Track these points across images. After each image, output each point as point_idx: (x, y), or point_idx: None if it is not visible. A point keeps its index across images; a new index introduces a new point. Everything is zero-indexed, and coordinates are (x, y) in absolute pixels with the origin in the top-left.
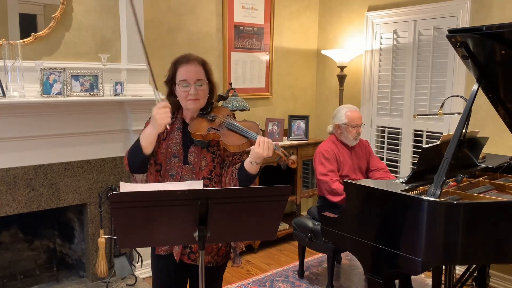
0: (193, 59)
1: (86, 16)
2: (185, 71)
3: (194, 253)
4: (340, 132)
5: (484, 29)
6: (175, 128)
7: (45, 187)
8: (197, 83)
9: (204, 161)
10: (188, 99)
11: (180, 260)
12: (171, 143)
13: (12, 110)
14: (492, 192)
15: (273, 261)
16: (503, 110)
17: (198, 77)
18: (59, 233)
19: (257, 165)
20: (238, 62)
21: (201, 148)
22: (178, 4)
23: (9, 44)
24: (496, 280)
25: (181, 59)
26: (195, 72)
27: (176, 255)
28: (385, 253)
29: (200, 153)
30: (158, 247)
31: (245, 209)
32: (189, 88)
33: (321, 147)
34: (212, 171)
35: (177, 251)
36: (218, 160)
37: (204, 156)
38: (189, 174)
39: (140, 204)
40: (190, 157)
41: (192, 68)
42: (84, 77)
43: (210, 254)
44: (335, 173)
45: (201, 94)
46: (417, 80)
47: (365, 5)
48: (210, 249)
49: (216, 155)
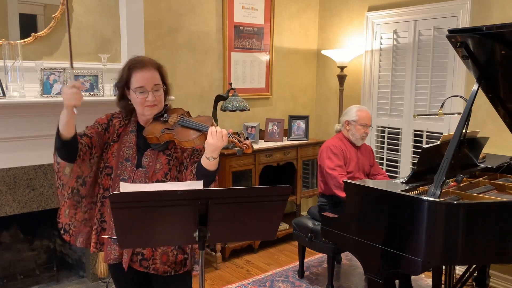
0: (148, 64)
1: (86, 16)
2: (142, 77)
3: (146, 260)
4: (348, 129)
5: (484, 29)
6: (128, 131)
7: (45, 187)
8: (154, 89)
9: (159, 164)
10: (146, 105)
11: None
12: (124, 147)
13: (12, 110)
14: (492, 192)
15: (273, 261)
16: (503, 110)
17: (155, 82)
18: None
19: (214, 160)
20: (238, 62)
21: (157, 152)
22: (178, 4)
23: (9, 44)
24: (496, 280)
25: (136, 64)
26: (152, 78)
27: (125, 263)
28: (385, 253)
29: (156, 156)
30: (106, 256)
31: (245, 209)
32: (146, 95)
33: (329, 143)
34: (167, 173)
35: (125, 259)
36: (174, 163)
37: (160, 159)
38: (141, 178)
39: (140, 204)
40: (145, 160)
41: (148, 75)
42: (84, 77)
43: (166, 263)
44: (342, 169)
45: (158, 100)
46: (417, 80)
47: (365, 5)
48: (165, 258)
49: (172, 157)
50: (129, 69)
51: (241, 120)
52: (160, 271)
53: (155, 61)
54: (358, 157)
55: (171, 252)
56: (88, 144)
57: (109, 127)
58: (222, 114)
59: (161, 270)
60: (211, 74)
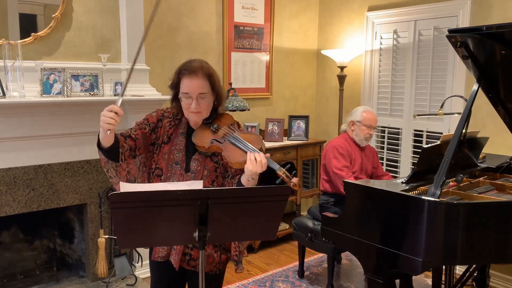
0: (198, 71)
1: (86, 16)
2: (188, 84)
3: (194, 260)
4: (353, 129)
5: (484, 29)
6: (178, 133)
7: (45, 187)
8: (199, 97)
9: (207, 170)
10: (190, 111)
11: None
12: (174, 149)
13: (12, 110)
14: (492, 192)
15: (273, 261)
16: (503, 110)
17: (200, 91)
18: (59, 233)
19: (253, 180)
20: (238, 62)
21: (204, 157)
22: (178, 4)
23: (9, 44)
24: (496, 280)
25: (185, 69)
26: (198, 86)
27: (175, 263)
28: (385, 253)
29: (203, 161)
30: (155, 254)
31: (245, 209)
32: (190, 101)
33: (335, 142)
34: (214, 181)
35: (176, 259)
36: (221, 170)
37: (207, 165)
38: None
39: (140, 204)
40: (193, 165)
41: (195, 82)
42: (84, 77)
43: (212, 264)
44: (349, 169)
45: (203, 107)
46: (417, 80)
47: (365, 5)
48: (211, 259)
49: (219, 164)
50: (179, 74)
51: (241, 120)
52: (206, 271)
53: (207, 67)
54: (362, 158)
55: (216, 254)
56: (132, 147)
57: (158, 128)
58: None
59: (207, 270)
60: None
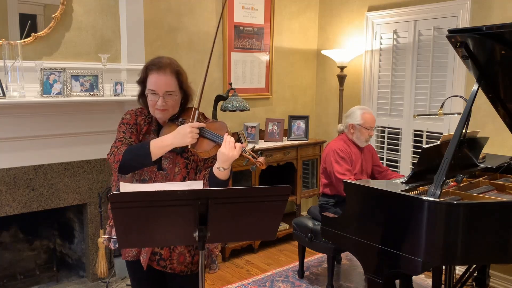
0: (166, 67)
1: (86, 16)
2: (155, 80)
3: (164, 260)
4: (352, 132)
5: (484, 29)
6: (151, 130)
7: (45, 187)
8: (166, 94)
9: (178, 168)
10: (156, 109)
11: (150, 266)
12: None
13: (12, 110)
14: (492, 192)
15: (273, 261)
16: (503, 110)
17: (167, 89)
18: (59, 233)
19: (225, 170)
20: (238, 62)
21: (175, 154)
22: (178, 4)
23: (9, 44)
24: (496, 280)
25: (153, 65)
26: (165, 84)
27: (144, 263)
28: (385, 253)
29: (174, 158)
30: (125, 253)
31: (245, 209)
32: (157, 98)
33: (334, 146)
34: (185, 177)
35: (145, 258)
36: (192, 166)
37: (178, 162)
38: (162, 181)
39: (140, 204)
40: (165, 163)
41: (162, 79)
42: (84, 77)
43: (183, 263)
44: (351, 172)
45: (169, 105)
46: (417, 80)
47: (365, 5)
48: (182, 258)
49: (189, 160)
50: (146, 69)
51: (241, 120)
52: (177, 271)
53: (176, 64)
54: (362, 159)
55: (188, 253)
56: None
57: (137, 126)
58: (222, 114)
59: (178, 270)
60: (211, 74)
